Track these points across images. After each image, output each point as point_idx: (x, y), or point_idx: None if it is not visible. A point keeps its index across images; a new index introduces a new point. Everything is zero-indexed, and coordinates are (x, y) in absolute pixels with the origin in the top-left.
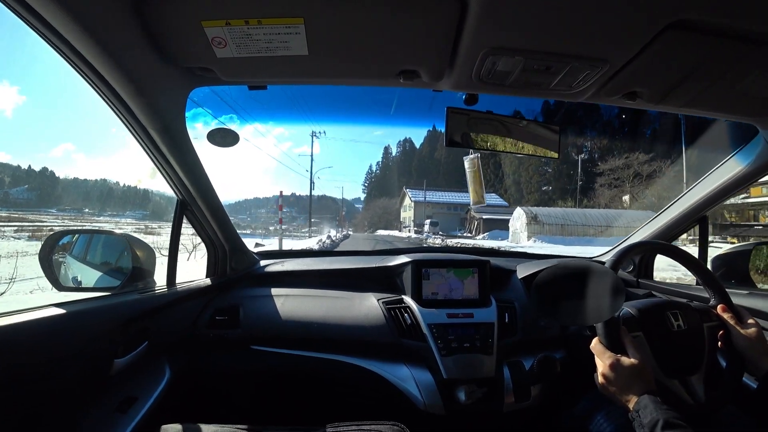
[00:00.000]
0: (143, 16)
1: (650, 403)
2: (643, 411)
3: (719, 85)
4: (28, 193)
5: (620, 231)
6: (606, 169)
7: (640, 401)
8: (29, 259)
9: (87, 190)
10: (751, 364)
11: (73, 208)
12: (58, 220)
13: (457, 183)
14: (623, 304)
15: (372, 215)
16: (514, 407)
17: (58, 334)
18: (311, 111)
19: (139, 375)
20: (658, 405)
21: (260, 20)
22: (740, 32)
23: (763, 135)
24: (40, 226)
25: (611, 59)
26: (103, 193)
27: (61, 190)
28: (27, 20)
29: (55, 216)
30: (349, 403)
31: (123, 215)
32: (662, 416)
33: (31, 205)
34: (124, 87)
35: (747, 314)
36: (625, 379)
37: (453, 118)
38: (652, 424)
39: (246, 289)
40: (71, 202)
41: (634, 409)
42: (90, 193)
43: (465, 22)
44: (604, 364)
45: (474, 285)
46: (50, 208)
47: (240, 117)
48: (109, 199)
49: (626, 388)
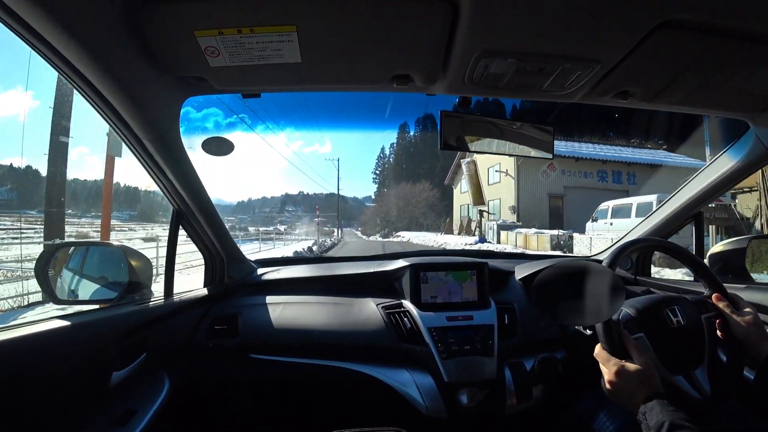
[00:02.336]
0: (136, 27)
1: (657, 405)
2: (649, 413)
3: (710, 82)
4: (9, 193)
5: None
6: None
7: (648, 404)
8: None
9: (74, 189)
10: (751, 350)
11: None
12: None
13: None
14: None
15: (388, 210)
16: (516, 408)
17: (55, 347)
18: (315, 118)
19: (138, 387)
20: (665, 407)
21: (253, 29)
22: (730, 30)
23: (754, 130)
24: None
25: (603, 59)
26: (92, 192)
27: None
28: (18, 32)
29: (34, 219)
30: (350, 409)
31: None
32: (668, 418)
33: (11, 207)
34: (117, 97)
35: (743, 301)
36: (631, 384)
37: (447, 122)
38: (658, 426)
39: (244, 298)
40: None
41: (641, 411)
42: (77, 192)
43: (457, 25)
44: (610, 372)
45: (473, 287)
46: (31, 209)
47: (250, 119)
48: (97, 199)
49: (633, 393)
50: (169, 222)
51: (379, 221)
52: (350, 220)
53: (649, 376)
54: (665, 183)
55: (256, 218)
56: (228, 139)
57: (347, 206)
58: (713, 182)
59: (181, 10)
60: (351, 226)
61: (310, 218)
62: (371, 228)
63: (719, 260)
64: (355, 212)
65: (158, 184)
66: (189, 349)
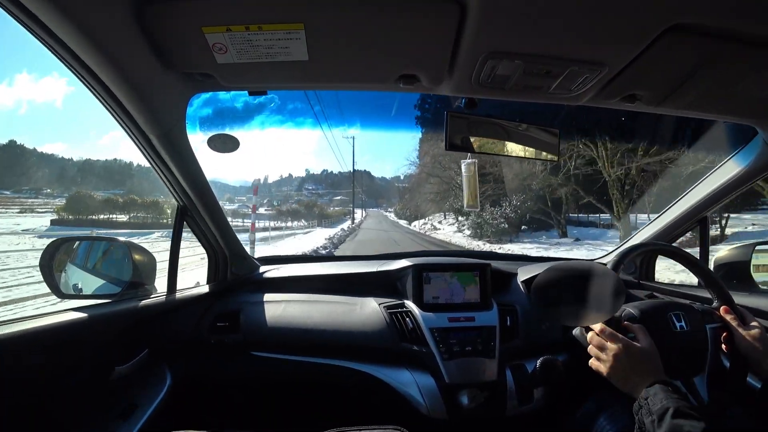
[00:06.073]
0: (144, 23)
1: (660, 391)
2: (652, 399)
3: (718, 87)
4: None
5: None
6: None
7: (650, 389)
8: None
9: (63, 166)
10: (755, 366)
11: (32, 188)
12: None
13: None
14: (625, 305)
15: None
16: (517, 411)
17: (59, 341)
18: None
19: (140, 382)
20: (669, 393)
21: (261, 26)
22: (739, 34)
23: (762, 136)
24: None
25: (610, 63)
26: (84, 170)
27: (31, 168)
28: (27, 25)
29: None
30: (351, 408)
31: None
32: (673, 404)
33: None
34: (124, 93)
35: (750, 316)
36: (635, 364)
37: (453, 122)
38: (661, 412)
39: (246, 295)
40: (41, 181)
41: (642, 396)
42: (66, 169)
43: (464, 26)
44: (617, 347)
45: (475, 288)
46: (5, 190)
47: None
48: (88, 177)
49: (637, 372)
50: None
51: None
52: (378, 199)
53: (653, 359)
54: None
55: (272, 198)
56: (233, 136)
57: (375, 185)
58: (720, 187)
59: (189, 6)
60: (379, 206)
61: (328, 199)
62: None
63: (724, 265)
64: (382, 191)
65: (163, 180)
66: (191, 345)
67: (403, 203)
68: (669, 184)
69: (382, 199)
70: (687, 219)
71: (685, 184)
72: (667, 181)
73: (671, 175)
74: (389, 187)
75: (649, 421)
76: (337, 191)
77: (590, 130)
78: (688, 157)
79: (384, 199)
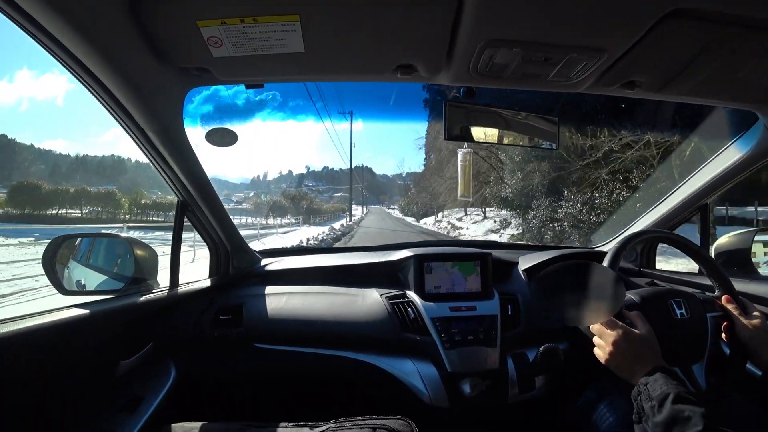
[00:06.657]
0: (138, 17)
1: (660, 377)
2: (652, 384)
3: (719, 72)
4: None
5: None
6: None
7: (650, 375)
8: None
9: (56, 161)
10: (755, 356)
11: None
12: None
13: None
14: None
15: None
16: (518, 399)
17: (64, 338)
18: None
19: (145, 375)
20: (669, 379)
21: (256, 18)
22: (740, 19)
23: (763, 121)
24: None
25: (610, 49)
26: (78, 164)
27: (20, 163)
28: (19, 23)
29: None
30: (354, 398)
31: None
32: (674, 390)
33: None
34: (120, 89)
35: (752, 306)
36: (635, 350)
37: (452, 112)
38: (662, 397)
39: (248, 288)
40: (24, 175)
41: (641, 382)
42: (59, 164)
43: (462, 14)
44: (615, 333)
45: (476, 278)
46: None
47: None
48: (82, 173)
49: (636, 359)
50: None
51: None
52: (379, 195)
53: (653, 346)
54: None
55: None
56: (232, 129)
57: (376, 181)
58: (720, 173)
59: (184, 0)
60: (381, 202)
61: (328, 195)
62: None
63: (725, 252)
64: (384, 188)
65: (162, 176)
66: (194, 339)
67: (409, 198)
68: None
69: (383, 196)
70: (688, 206)
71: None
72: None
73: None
74: (391, 184)
75: (649, 407)
76: (337, 187)
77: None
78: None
79: (386, 196)
